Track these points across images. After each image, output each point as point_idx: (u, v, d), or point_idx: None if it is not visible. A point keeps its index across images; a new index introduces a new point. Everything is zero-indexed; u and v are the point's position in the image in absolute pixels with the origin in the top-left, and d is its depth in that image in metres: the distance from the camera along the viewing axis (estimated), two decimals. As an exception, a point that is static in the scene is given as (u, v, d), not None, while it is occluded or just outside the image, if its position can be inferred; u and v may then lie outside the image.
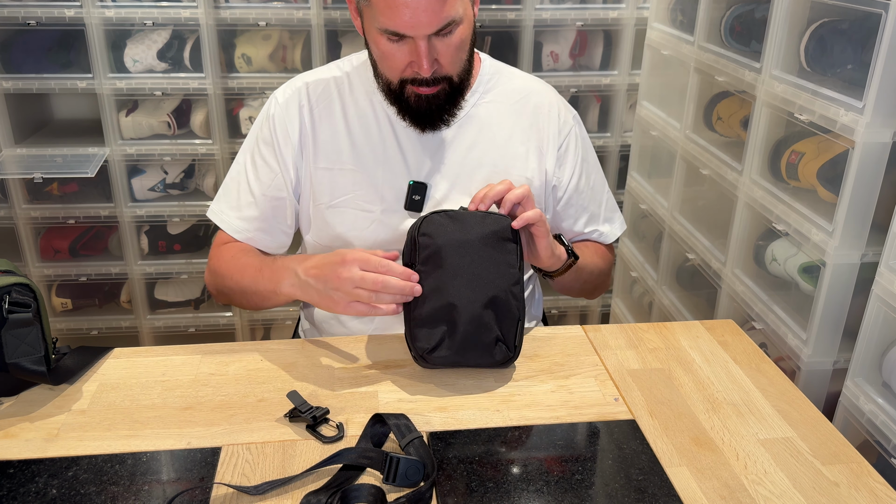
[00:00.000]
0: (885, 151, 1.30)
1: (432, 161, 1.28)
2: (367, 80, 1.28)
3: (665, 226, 2.10)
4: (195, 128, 2.28)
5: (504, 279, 1.10)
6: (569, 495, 0.91)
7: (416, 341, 1.09)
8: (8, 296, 1.03)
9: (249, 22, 2.15)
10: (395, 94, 1.19)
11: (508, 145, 1.30)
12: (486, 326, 1.09)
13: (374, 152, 1.28)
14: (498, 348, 1.10)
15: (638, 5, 2.25)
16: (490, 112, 1.30)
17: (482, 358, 1.10)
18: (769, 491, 0.92)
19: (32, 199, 2.28)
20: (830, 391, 1.47)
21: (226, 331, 2.48)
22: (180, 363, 1.16)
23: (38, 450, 0.97)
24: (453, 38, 1.14)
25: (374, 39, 1.15)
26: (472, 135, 1.29)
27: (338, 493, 0.88)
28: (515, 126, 1.31)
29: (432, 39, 1.12)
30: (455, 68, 1.18)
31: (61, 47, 2.16)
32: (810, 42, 1.47)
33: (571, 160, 1.34)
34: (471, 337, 1.08)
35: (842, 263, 1.37)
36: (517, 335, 1.12)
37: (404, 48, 1.13)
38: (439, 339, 1.08)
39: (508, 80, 1.34)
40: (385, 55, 1.15)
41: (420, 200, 1.28)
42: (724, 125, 1.85)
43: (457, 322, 1.08)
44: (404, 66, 1.15)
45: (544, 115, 1.33)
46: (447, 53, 1.14)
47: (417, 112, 1.20)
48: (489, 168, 1.29)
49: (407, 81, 1.17)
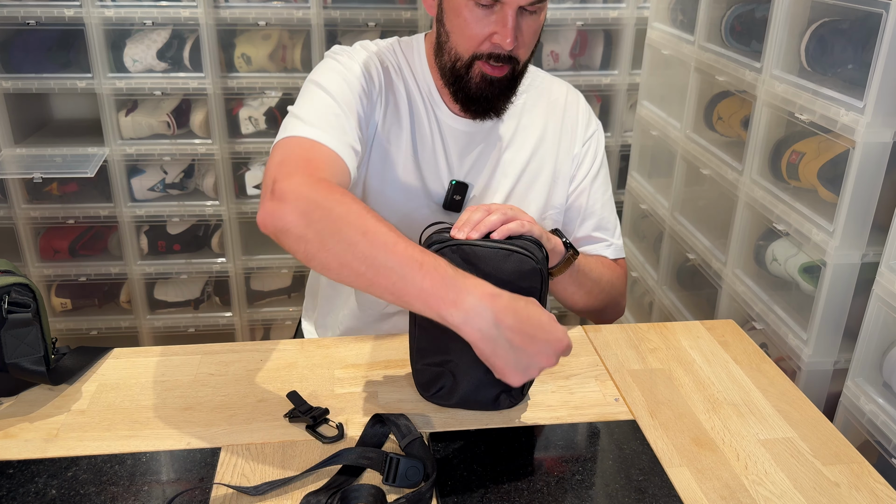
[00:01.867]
0: (886, 151, 1.30)
1: (472, 160, 1.27)
2: (416, 68, 1.26)
3: (665, 226, 2.10)
4: (195, 128, 2.28)
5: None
6: (569, 496, 0.91)
7: (417, 378, 1.06)
8: (7, 296, 1.03)
9: (249, 22, 2.15)
10: (459, 74, 1.17)
11: (541, 146, 1.30)
12: (489, 385, 1.01)
13: (424, 143, 1.25)
14: (502, 400, 1.04)
15: (638, 5, 2.25)
16: (525, 111, 1.30)
17: (485, 408, 1.05)
18: (769, 491, 0.92)
19: (32, 198, 2.28)
20: (831, 391, 1.47)
21: (226, 331, 2.48)
22: (180, 363, 1.16)
23: (37, 450, 0.97)
24: (538, 19, 1.14)
25: (457, 7, 1.12)
26: (509, 133, 1.29)
27: (338, 494, 0.87)
28: (548, 127, 1.31)
29: (519, 15, 1.11)
30: (526, 53, 1.17)
31: (61, 47, 2.16)
32: (811, 42, 1.47)
33: (589, 160, 1.33)
34: (472, 393, 1.02)
35: (842, 263, 1.37)
36: (526, 383, 1.04)
37: (490, 17, 1.11)
38: (440, 387, 1.04)
39: (542, 82, 1.34)
40: (468, 23, 1.12)
41: (460, 201, 1.26)
42: (725, 125, 1.85)
43: (457, 381, 1.02)
44: (484, 37, 1.12)
45: (572, 116, 1.32)
46: (528, 33, 1.14)
47: (477, 95, 1.18)
48: (521, 168, 1.28)
49: (479, 57, 1.14)
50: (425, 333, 1.02)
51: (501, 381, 0.93)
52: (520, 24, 1.12)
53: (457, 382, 1.02)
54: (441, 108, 1.25)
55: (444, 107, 1.25)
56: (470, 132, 1.26)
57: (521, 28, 1.12)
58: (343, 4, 2.17)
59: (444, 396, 1.04)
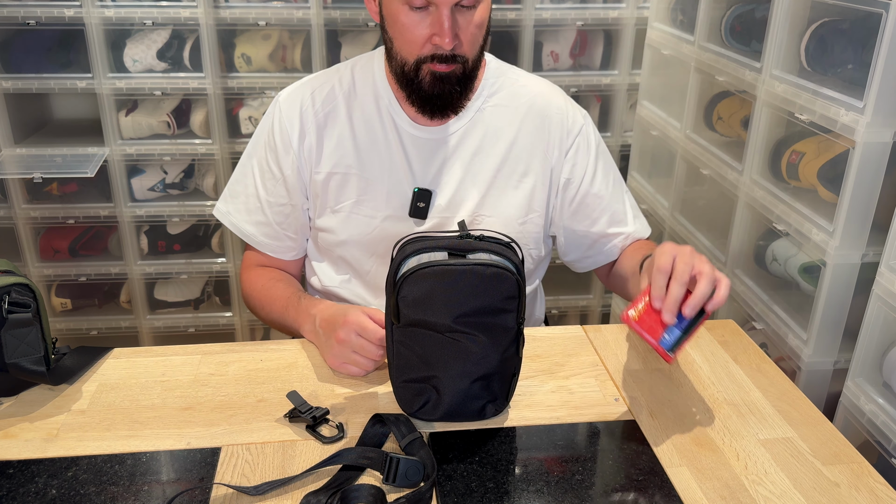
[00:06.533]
0: (886, 151, 1.30)
1: (437, 167, 1.27)
2: (373, 84, 1.27)
3: (665, 226, 2.10)
4: (195, 128, 2.28)
5: (499, 347, 0.99)
6: (569, 496, 0.91)
7: (400, 396, 1.04)
8: (7, 296, 1.03)
9: (249, 22, 2.15)
10: (409, 77, 1.18)
11: (513, 150, 1.29)
12: (474, 397, 1.01)
13: (380, 157, 1.27)
14: (488, 409, 1.03)
15: (638, 5, 2.25)
16: (494, 116, 1.29)
17: (470, 419, 1.04)
18: (769, 491, 0.92)
19: (32, 199, 2.27)
20: (831, 391, 1.47)
21: (226, 331, 2.47)
22: (180, 363, 1.16)
23: (37, 450, 0.97)
24: (476, 14, 1.13)
25: (395, 13, 1.13)
26: (477, 140, 1.28)
27: (338, 494, 0.87)
28: (521, 130, 1.29)
29: (455, 13, 1.11)
30: (472, 50, 1.17)
31: (61, 47, 2.16)
32: (811, 42, 1.47)
33: (583, 158, 1.32)
34: (457, 406, 1.01)
35: (842, 263, 1.37)
36: (510, 389, 1.04)
37: (426, 20, 1.11)
38: (423, 402, 1.02)
39: (513, 83, 1.32)
40: (406, 28, 1.13)
41: (425, 207, 1.27)
42: (725, 125, 1.85)
43: (441, 394, 1.01)
44: (424, 40, 1.13)
45: (549, 117, 1.31)
46: (468, 30, 1.13)
47: (430, 95, 1.18)
48: (492, 174, 1.28)
49: (424, 60, 1.15)
50: (403, 349, 1.00)
51: (486, 392, 1.01)
52: (458, 21, 1.11)
53: (441, 397, 1.01)
54: (402, 117, 1.25)
55: (405, 116, 1.25)
56: (433, 139, 1.26)
57: (459, 25, 1.12)
58: (343, 4, 2.17)
59: (429, 412, 1.02)
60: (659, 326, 0.97)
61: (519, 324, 0.99)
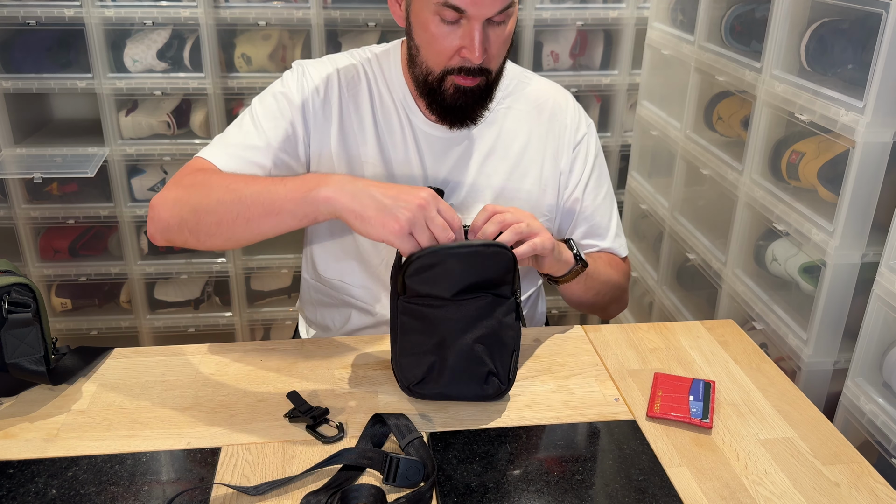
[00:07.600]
0: (886, 151, 1.30)
1: (449, 167, 1.26)
2: (390, 75, 1.26)
3: (665, 226, 2.10)
4: (195, 128, 2.28)
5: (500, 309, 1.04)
6: (569, 496, 0.91)
7: (402, 370, 1.05)
8: (7, 296, 1.03)
9: (249, 22, 2.15)
10: (432, 87, 1.16)
11: (525, 152, 1.28)
12: (477, 360, 1.03)
13: (395, 150, 1.25)
14: (490, 382, 1.05)
15: (638, 5, 2.25)
16: (508, 118, 1.28)
17: (473, 391, 1.05)
18: (769, 491, 0.92)
19: (32, 198, 2.28)
20: (831, 391, 1.47)
21: (226, 331, 2.48)
22: (180, 363, 1.16)
23: (37, 450, 0.97)
24: (506, 29, 1.12)
25: (424, 22, 1.11)
26: (490, 141, 1.27)
27: (338, 494, 0.87)
28: (533, 133, 1.29)
29: (486, 27, 1.10)
30: (497, 63, 1.16)
31: (61, 47, 2.16)
32: (811, 42, 1.47)
33: (580, 166, 1.31)
34: (461, 370, 1.03)
35: (842, 263, 1.37)
36: (511, 367, 1.06)
37: (457, 32, 1.10)
38: (426, 370, 1.04)
39: (527, 86, 1.32)
40: (435, 38, 1.11)
41: None
42: (725, 125, 1.85)
43: (446, 356, 1.03)
44: (453, 52, 1.12)
45: (560, 121, 1.31)
46: (497, 44, 1.12)
47: (452, 107, 1.17)
48: (505, 175, 1.27)
49: (450, 71, 1.14)
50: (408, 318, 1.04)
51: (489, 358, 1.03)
52: (488, 35, 1.10)
53: (444, 362, 1.03)
54: (416, 114, 1.24)
55: (420, 113, 1.24)
56: (447, 138, 1.25)
57: (489, 40, 1.11)
58: (343, 4, 2.17)
59: (431, 382, 1.04)
60: (683, 405, 1.07)
61: (514, 293, 1.06)
